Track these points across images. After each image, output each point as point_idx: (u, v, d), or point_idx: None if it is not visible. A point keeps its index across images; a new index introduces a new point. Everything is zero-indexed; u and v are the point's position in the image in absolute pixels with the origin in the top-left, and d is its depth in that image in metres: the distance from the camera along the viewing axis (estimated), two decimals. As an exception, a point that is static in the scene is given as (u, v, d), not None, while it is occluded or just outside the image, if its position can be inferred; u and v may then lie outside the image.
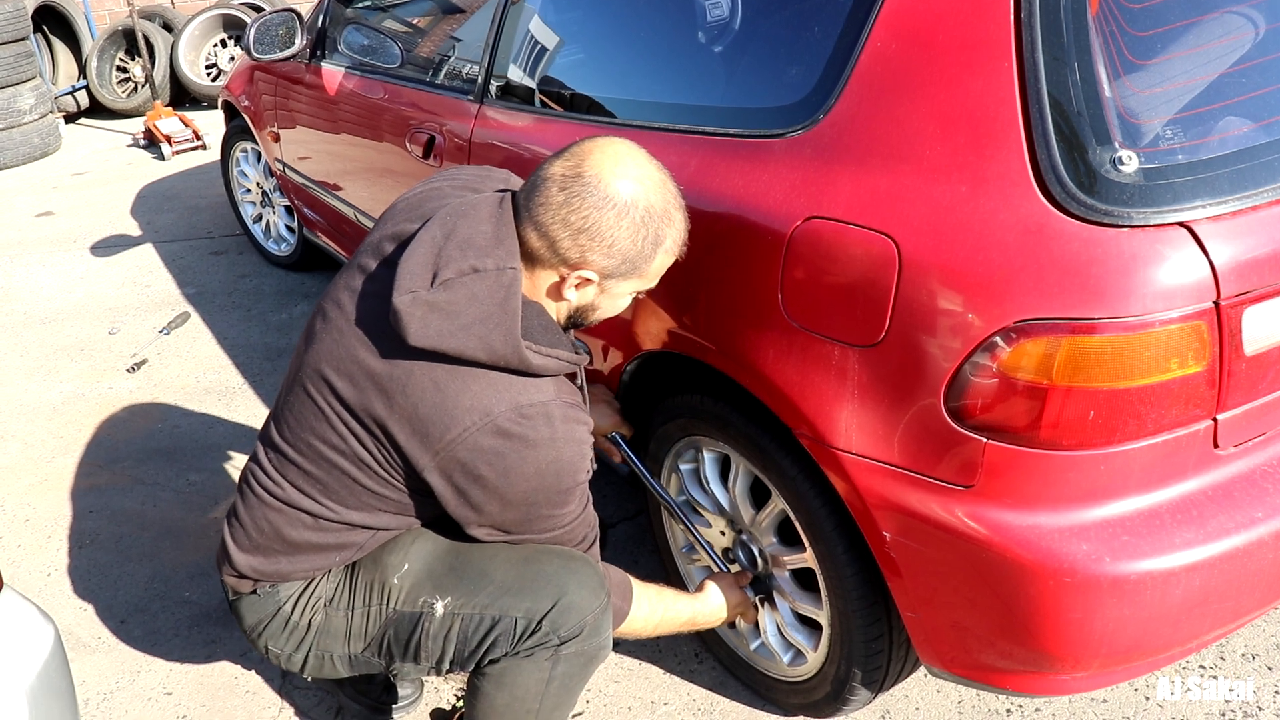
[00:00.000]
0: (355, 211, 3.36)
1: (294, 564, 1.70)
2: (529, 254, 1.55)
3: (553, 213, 1.50)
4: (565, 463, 1.57)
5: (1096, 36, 1.41)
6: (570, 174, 1.50)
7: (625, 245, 1.51)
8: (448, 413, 1.52)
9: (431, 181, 1.78)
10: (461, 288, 1.48)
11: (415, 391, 1.53)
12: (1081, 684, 1.61)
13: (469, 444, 1.52)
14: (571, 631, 1.66)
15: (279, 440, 1.69)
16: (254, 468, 1.73)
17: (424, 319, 1.47)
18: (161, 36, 7.56)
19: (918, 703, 2.14)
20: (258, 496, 1.70)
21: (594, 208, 1.48)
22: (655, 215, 1.52)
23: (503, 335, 1.49)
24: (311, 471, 1.64)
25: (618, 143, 1.54)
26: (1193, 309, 1.34)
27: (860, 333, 1.54)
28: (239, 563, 1.70)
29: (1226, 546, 1.43)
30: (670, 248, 1.57)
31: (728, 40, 1.96)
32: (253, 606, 1.74)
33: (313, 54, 3.44)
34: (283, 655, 1.76)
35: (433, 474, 1.55)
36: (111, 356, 3.97)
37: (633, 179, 1.50)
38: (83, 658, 2.42)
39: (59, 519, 2.97)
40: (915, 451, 1.52)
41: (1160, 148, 1.40)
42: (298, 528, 1.67)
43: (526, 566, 1.69)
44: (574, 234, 1.49)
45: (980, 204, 1.42)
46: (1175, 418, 1.40)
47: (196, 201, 5.73)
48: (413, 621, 1.69)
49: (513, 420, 1.52)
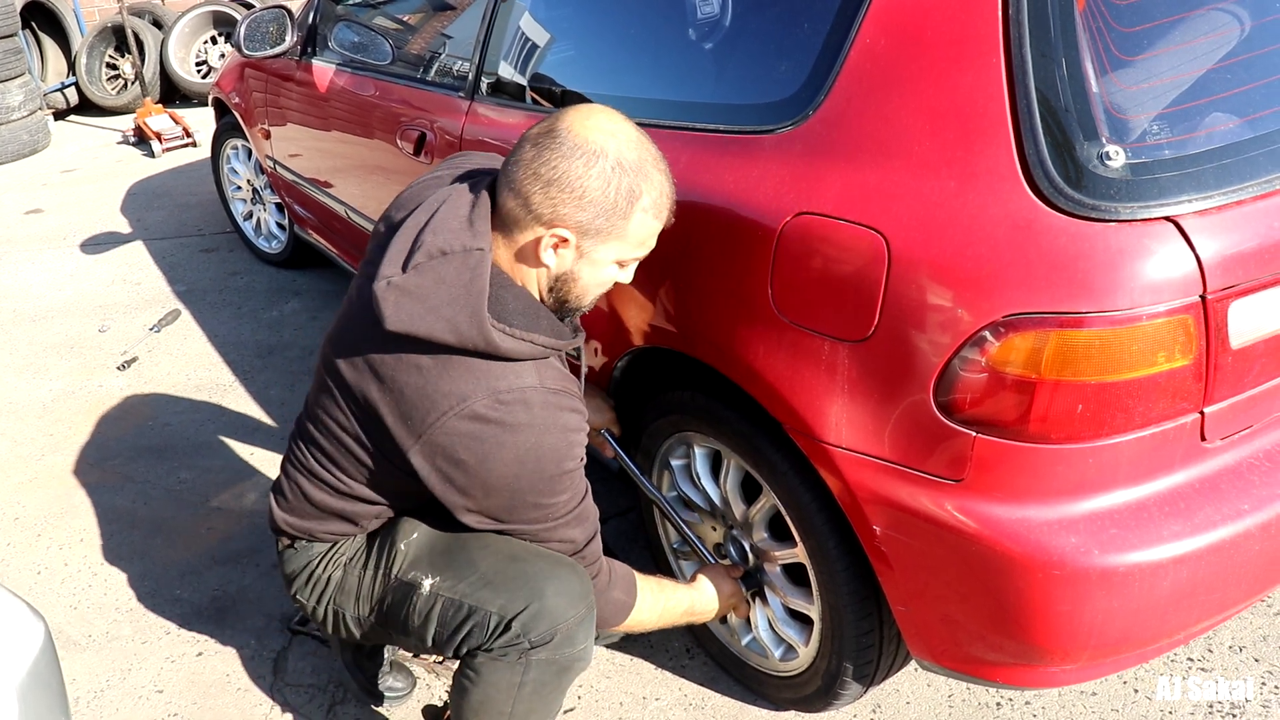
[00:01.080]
0: (346, 209, 3.35)
1: (321, 525, 1.79)
2: (506, 218, 1.55)
3: (524, 167, 1.51)
4: (547, 449, 1.57)
5: (1083, 32, 1.41)
6: (543, 131, 1.52)
7: (597, 195, 1.50)
8: (428, 397, 1.55)
9: (437, 170, 1.82)
10: (430, 271, 1.51)
11: (401, 376, 1.56)
12: (1071, 676, 1.62)
13: (447, 428, 1.54)
14: (542, 637, 1.66)
15: (308, 413, 1.79)
16: (293, 433, 1.84)
17: (396, 303, 1.51)
18: (151, 33, 7.53)
19: (909, 697, 2.15)
20: (291, 462, 1.81)
21: (562, 157, 1.49)
22: (628, 167, 1.51)
23: (468, 316, 1.50)
24: (325, 446, 1.72)
25: (595, 105, 1.57)
26: (1179, 303, 1.35)
27: (850, 328, 1.54)
28: (277, 518, 1.82)
29: (1213, 539, 1.44)
30: (649, 206, 1.55)
31: (718, 37, 1.96)
32: (291, 559, 1.85)
33: (303, 51, 3.43)
34: (308, 606, 1.85)
35: (416, 457, 1.58)
36: (101, 354, 3.96)
37: (604, 130, 1.51)
38: (73, 656, 2.41)
39: (49, 517, 2.96)
40: (905, 446, 1.53)
41: (1147, 143, 1.40)
42: (319, 493, 1.76)
43: (511, 564, 1.69)
44: (544, 186, 1.50)
45: (969, 199, 1.43)
46: (1163, 411, 1.41)
47: (187, 199, 5.72)
48: (405, 593, 1.73)
49: (489, 405, 1.53)
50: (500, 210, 1.56)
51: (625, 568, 1.89)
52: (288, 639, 2.43)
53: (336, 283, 4.42)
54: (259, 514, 2.90)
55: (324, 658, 2.36)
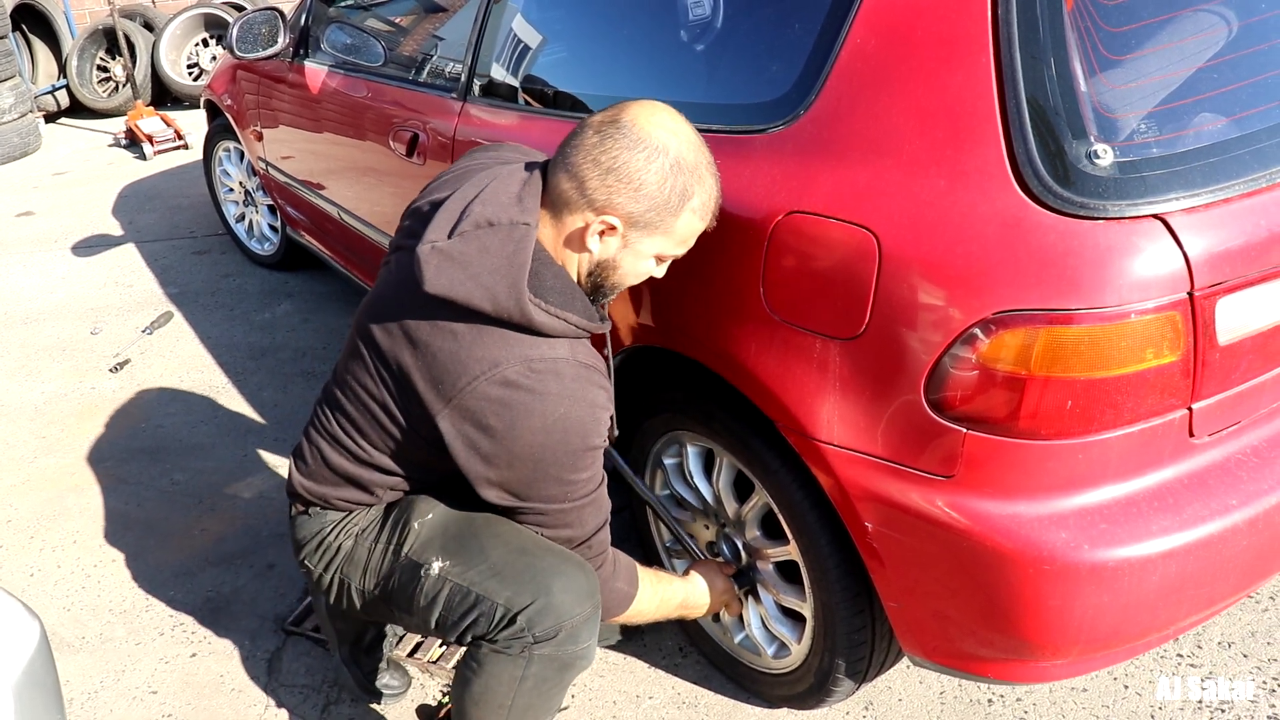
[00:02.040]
0: (339, 210, 3.36)
1: (338, 492, 1.81)
2: (558, 199, 1.58)
3: (584, 153, 1.54)
4: (574, 421, 1.58)
5: (1072, 32, 1.43)
6: (607, 120, 1.56)
7: (652, 189, 1.53)
8: (460, 361, 1.57)
9: (474, 154, 1.86)
10: (475, 240, 1.55)
11: (435, 341, 1.59)
12: (1061, 671, 1.63)
13: (478, 393, 1.56)
14: (546, 633, 1.66)
15: (336, 379, 1.81)
16: (319, 399, 1.86)
17: (438, 267, 1.54)
18: (142, 35, 7.52)
19: (901, 694, 2.16)
20: (314, 426, 1.84)
21: (625, 149, 1.52)
22: (686, 167, 1.55)
23: (507, 287, 1.52)
24: (351, 412, 1.75)
25: (660, 103, 1.60)
26: (1167, 300, 1.36)
27: (841, 325, 1.55)
28: (295, 483, 1.84)
29: (1202, 534, 1.45)
30: (698, 208, 1.58)
31: (710, 37, 1.97)
32: (303, 525, 1.86)
33: (296, 53, 3.43)
34: (314, 573, 1.86)
35: (445, 421, 1.60)
36: (94, 356, 3.96)
37: (668, 129, 1.55)
38: (67, 657, 2.41)
39: (42, 519, 2.96)
40: (896, 443, 1.54)
41: (1135, 141, 1.42)
42: (339, 458, 1.78)
43: (521, 556, 1.70)
44: (603, 173, 1.53)
45: (959, 197, 1.44)
46: (1151, 407, 1.42)
47: (179, 201, 5.71)
48: (413, 573, 1.74)
49: (521, 372, 1.56)
50: (552, 191, 1.59)
51: (628, 559, 1.90)
52: (282, 639, 2.44)
53: (329, 284, 4.42)
54: (253, 515, 2.90)
55: (318, 658, 2.37)
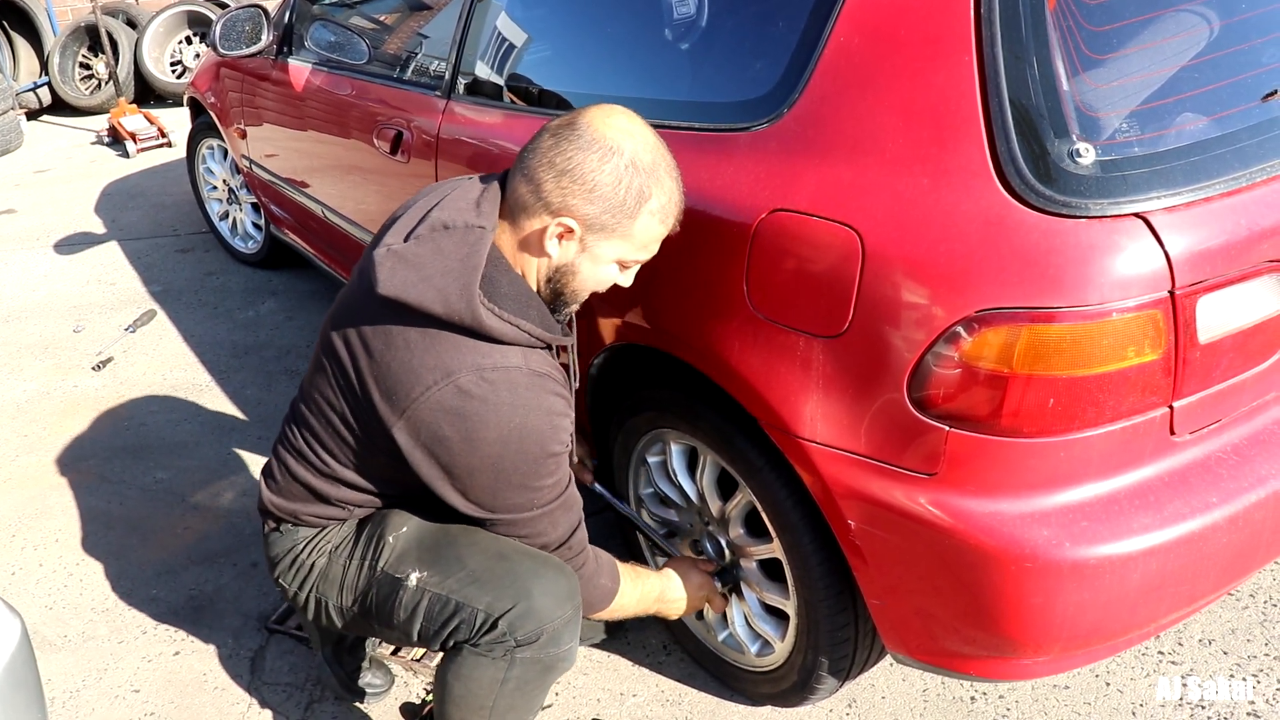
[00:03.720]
0: (323, 208, 3.35)
1: (307, 509, 1.79)
2: (515, 204, 1.58)
3: (540, 156, 1.55)
4: (531, 429, 1.57)
5: (1054, 31, 1.43)
6: (564, 124, 1.56)
7: (607, 190, 1.52)
8: (413, 371, 1.56)
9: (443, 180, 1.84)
10: (430, 242, 1.56)
11: (390, 350, 1.58)
12: (1043, 668, 1.64)
13: (431, 402, 1.55)
14: (528, 637, 1.66)
15: (301, 394, 1.80)
16: (287, 415, 1.85)
17: (392, 269, 1.55)
18: (125, 33, 7.47)
19: (884, 691, 2.17)
20: (281, 443, 1.83)
21: (579, 149, 1.52)
22: (641, 168, 1.54)
23: (459, 288, 1.52)
24: (315, 427, 1.74)
25: (617, 106, 1.59)
26: (1149, 298, 1.36)
27: (824, 323, 1.55)
28: (265, 500, 1.83)
29: (1182, 531, 1.46)
30: (656, 210, 1.57)
31: (693, 35, 1.97)
32: (275, 541, 1.84)
33: (279, 50, 3.42)
34: (289, 592, 1.85)
35: (400, 434, 1.59)
36: (76, 354, 3.93)
37: (623, 130, 1.54)
38: (48, 656, 2.40)
39: (23, 518, 2.94)
40: (879, 441, 1.54)
41: (1117, 140, 1.42)
42: (305, 473, 1.76)
43: (499, 561, 1.69)
44: (558, 175, 1.53)
45: (942, 196, 1.44)
46: (1132, 405, 1.43)
47: (162, 199, 5.68)
48: (391, 586, 1.73)
49: (473, 381, 1.54)
50: (510, 196, 1.60)
51: (608, 555, 1.90)
52: (265, 638, 2.43)
53: (313, 283, 4.40)
54: (236, 513, 2.89)
55: (301, 656, 2.36)
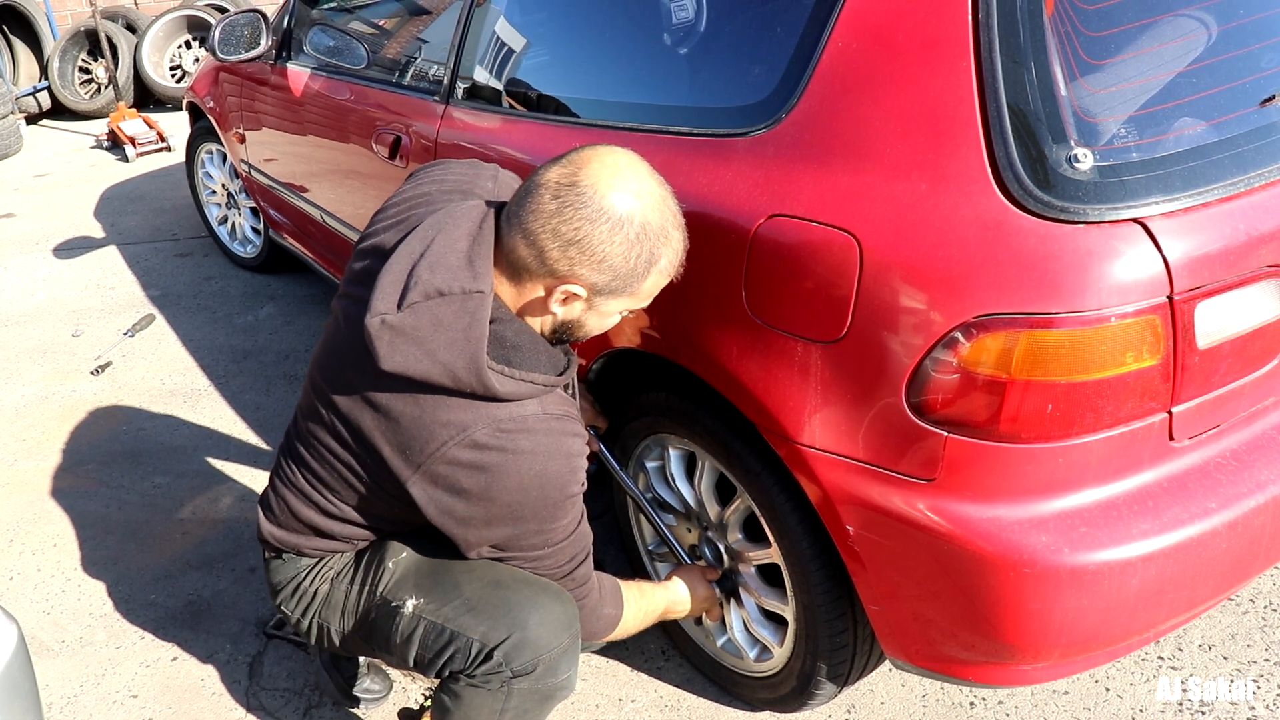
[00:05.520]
0: (321, 213, 3.35)
1: (308, 541, 1.77)
2: (515, 264, 1.49)
3: (543, 221, 1.44)
4: (552, 475, 1.54)
5: (1052, 37, 1.43)
6: (565, 182, 1.44)
7: (617, 261, 1.45)
8: (426, 428, 1.50)
9: (420, 184, 1.74)
10: (426, 312, 1.45)
11: (397, 407, 1.52)
12: (1042, 674, 1.64)
13: (447, 457, 1.50)
14: (524, 667, 1.64)
15: (296, 430, 1.76)
16: (282, 447, 1.81)
17: (391, 344, 1.46)
18: (125, 37, 7.48)
19: (883, 697, 2.16)
20: (280, 478, 1.78)
21: (587, 220, 1.42)
22: (651, 233, 1.46)
23: (466, 361, 1.46)
24: (316, 469, 1.69)
25: (618, 153, 1.48)
26: (1147, 303, 1.36)
27: (823, 329, 1.55)
28: (265, 531, 1.80)
29: (1181, 537, 1.46)
30: (665, 268, 1.52)
31: (692, 40, 1.97)
32: (278, 569, 1.83)
33: (278, 55, 3.42)
34: (292, 618, 1.84)
35: (415, 488, 1.54)
36: (75, 359, 3.93)
37: (631, 193, 1.44)
38: (46, 662, 2.39)
39: (22, 523, 2.94)
40: (878, 446, 1.54)
41: (1115, 146, 1.42)
42: (309, 512, 1.73)
43: (495, 590, 1.67)
44: (564, 245, 1.43)
45: (940, 201, 1.44)
46: (1131, 411, 1.43)
47: (161, 203, 5.68)
48: (389, 611, 1.71)
49: (490, 435, 1.50)
50: (508, 253, 1.50)
51: (612, 580, 1.88)
52: (263, 643, 2.42)
53: (312, 287, 4.40)
54: (234, 519, 2.89)
55: (299, 662, 2.35)
